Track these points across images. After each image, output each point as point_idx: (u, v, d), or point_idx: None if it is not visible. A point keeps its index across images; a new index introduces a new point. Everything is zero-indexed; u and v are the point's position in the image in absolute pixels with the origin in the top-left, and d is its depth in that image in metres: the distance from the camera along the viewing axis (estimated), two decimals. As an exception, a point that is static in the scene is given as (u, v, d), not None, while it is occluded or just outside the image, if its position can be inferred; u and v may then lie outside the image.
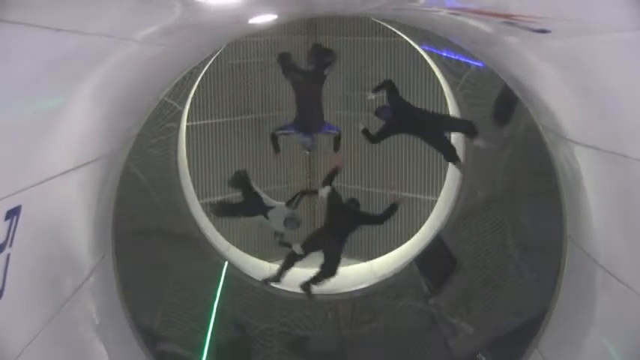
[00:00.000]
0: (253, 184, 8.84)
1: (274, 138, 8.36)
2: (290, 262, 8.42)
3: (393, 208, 8.11)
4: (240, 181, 8.78)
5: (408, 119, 7.90)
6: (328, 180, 8.35)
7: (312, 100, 8.17)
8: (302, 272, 9.80)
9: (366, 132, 8.00)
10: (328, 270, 8.20)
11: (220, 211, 9.02)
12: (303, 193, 9.37)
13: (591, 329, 5.14)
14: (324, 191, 8.29)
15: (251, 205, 8.64)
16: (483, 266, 8.14)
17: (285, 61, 8.38)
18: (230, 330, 8.75)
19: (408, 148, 12.26)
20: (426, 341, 8.35)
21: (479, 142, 7.72)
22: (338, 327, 9.19)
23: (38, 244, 3.68)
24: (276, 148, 8.38)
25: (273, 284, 8.80)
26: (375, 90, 8.11)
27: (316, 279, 8.28)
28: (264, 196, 8.67)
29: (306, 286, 8.35)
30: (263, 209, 8.51)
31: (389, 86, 8.00)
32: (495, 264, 7.92)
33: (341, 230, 8.25)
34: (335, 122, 9.23)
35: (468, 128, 7.92)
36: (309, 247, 8.26)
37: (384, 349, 8.55)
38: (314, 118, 8.23)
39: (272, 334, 8.77)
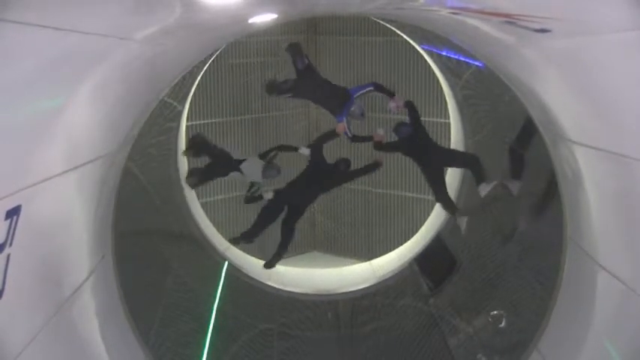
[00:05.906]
0: (214, 143, 8.76)
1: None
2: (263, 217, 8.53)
3: (376, 164, 8.50)
4: (199, 143, 8.66)
5: (419, 144, 8.13)
6: (320, 141, 8.42)
7: (318, 89, 8.31)
8: (294, 271, 9.79)
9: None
10: (288, 231, 8.42)
11: (194, 181, 8.88)
12: (281, 147, 9.14)
13: (591, 329, 5.13)
14: (305, 151, 8.35)
15: (220, 163, 8.60)
16: (483, 266, 8.12)
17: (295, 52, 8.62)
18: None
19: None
20: (426, 341, 8.33)
21: (484, 188, 7.91)
22: (338, 327, 9.18)
23: (38, 244, 3.68)
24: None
25: (272, 284, 8.77)
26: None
27: (278, 253, 8.61)
28: (230, 153, 8.66)
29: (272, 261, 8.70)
30: (233, 164, 8.47)
31: (410, 106, 8.26)
32: (495, 264, 7.91)
33: (319, 186, 8.38)
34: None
35: (472, 161, 8.15)
36: (282, 198, 8.36)
37: (384, 349, 8.54)
38: (332, 100, 8.33)
39: (271, 334, 8.76)
